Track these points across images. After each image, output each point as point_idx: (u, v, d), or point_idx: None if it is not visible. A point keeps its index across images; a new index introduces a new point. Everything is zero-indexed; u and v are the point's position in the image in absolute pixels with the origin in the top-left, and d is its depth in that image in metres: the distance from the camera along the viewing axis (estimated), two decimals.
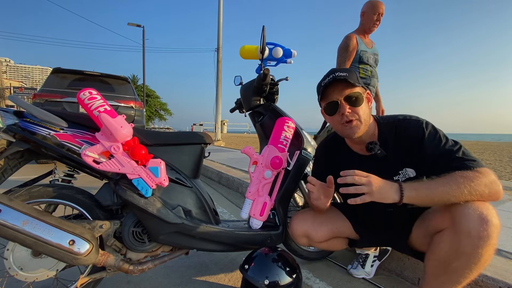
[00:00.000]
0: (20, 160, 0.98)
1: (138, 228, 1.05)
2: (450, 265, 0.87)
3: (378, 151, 1.02)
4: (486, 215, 0.81)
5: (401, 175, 1.04)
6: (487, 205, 0.85)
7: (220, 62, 10.95)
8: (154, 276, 1.33)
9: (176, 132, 1.21)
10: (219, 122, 11.39)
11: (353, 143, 1.12)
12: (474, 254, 0.81)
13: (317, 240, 1.22)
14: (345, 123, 1.01)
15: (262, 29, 1.28)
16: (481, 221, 0.81)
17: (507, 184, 3.35)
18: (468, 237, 0.82)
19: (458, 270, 0.85)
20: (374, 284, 1.32)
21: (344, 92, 0.99)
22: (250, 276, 1.04)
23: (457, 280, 0.87)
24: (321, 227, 1.21)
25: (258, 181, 1.24)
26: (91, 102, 0.95)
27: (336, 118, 1.03)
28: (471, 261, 0.83)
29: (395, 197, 0.88)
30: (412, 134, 0.99)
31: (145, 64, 14.88)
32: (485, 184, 0.83)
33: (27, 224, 0.84)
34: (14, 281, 1.06)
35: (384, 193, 0.88)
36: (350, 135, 1.02)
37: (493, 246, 0.81)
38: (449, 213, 0.88)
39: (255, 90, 1.38)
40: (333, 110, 1.02)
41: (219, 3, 10.36)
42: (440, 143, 0.94)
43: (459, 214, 0.84)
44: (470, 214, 0.82)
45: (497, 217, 0.83)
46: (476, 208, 0.82)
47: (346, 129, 1.02)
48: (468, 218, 0.82)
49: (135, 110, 4.52)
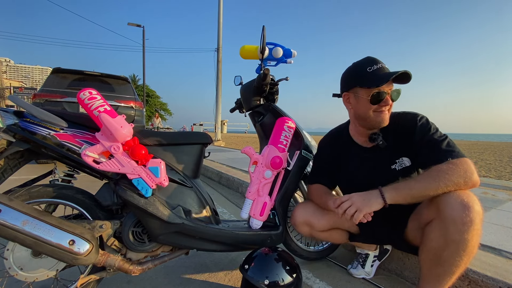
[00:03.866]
0: (20, 160, 0.98)
1: (138, 228, 1.05)
2: (441, 254, 0.92)
3: (380, 141, 1.10)
4: (468, 202, 0.87)
5: (398, 164, 1.11)
6: (468, 193, 0.90)
7: (220, 62, 10.95)
8: (154, 276, 1.33)
9: (176, 132, 1.21)
10: (219, 122, 11.39)
11: (358, 135, 1.20)
12: (461, 240, 0.87)
13: (318, 229, 1.25)
14: (380, 112, 1.07)
15: (262, 29, 1.28)
16: (463, 207, 0.86)
17: (507, 184, 3.35)
18: (453, 224, 0.87)
19: (450, 258, 0.90)
20: (374, 284, 1.32)
21: (392, 86, 1.05)
22: (250, 276, 1.04)
23: (450, 270, 0.91)
24: (323, 216, 1.24)
25: (258, 181, 1.24)
26: (91, 102, 0.95)
27: (373, 107, 1.07)
28: (460, 248, 0.88)
29: (379, 201, 0.97)
30: (407, 124, 1.08)
31: (145, 64, 14.88)
32: (459, 175, 0.90)
33: (27, 224, 0.84)
34: (14, 281, 1.06)
35: (369, 203, 0.97)
36: (381, 123, 1.08)
37: (477, 231, 0.87)
38: (435, 204, 0.94)
39: (255, 90, 1.38)
40: (379, 100, 1.05)
41: (219, 3, 10.36)
42: (428, 133, 1.03)
43: (443, 204, 0.91)
44: (452, 202, 0.88)
45: (478, 203, 0.88)
46: (458, 196, 0.89)
47: (379, 118, 1.07)
48: (451, 206, 0.88)
49: (135, 110, 4.51)
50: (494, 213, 1.94)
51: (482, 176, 5.45)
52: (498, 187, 3.03)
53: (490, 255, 1.27)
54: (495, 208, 2.07)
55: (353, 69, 1.10)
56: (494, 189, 2.87)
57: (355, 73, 1.08)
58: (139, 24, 14.69)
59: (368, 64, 1.05)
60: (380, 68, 1.02)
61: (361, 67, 1.06)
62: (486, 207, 2.10)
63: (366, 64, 1.05)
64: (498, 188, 2.92)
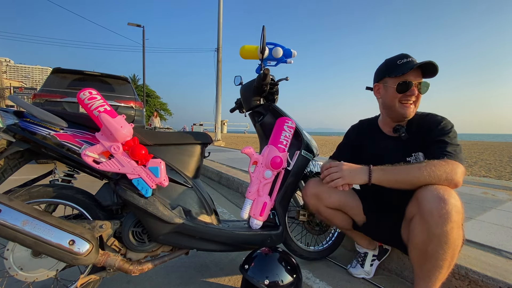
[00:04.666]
0: (20, 160, 0.98)
1: (138, 228, 1.05)
2: (426, 249, 0.94)
3: (402, 133, 1.15)
4: (443, 195, 0.90)
5: (413, 157, 1.14)
6: (444, 187, 0.93)
7: (220, 62, 10.95)
8: (154, 276, 1.33)
9: (176, 132, 1.21)
10: (219, 122, 11.39)
11: (385, 125, 1.26)
12: (441, 233, 0.89)
13: (326, 204, 1.26)
14: (406, 103, 1.11)
15: (262, 29, 1.28)
16: (439, 200, 0.89)
17: (507, 184, 3.35)
18: (431, 217, 0.90)
19: (434, 253, 0.93)
20: (374, 284, 1.32)
21: (420, 78, 1.09)
22: (250, 276, 1.04)
23: (437, 264, 0.93)
24: (334, 193, 1.26)
25: (258, 181, 1.24)
26: (91, 102, 0.95)
27: (399, 96, 1.11)
28: (442, 241, 0.90)
29: (364, 177, 1.02)
30: (431, 123, 1.12)
31: (145, 64, 14.88)
32: (445, 171, 0.93)
33: (27, 224, 0.84)
34: (14, 281, 1.06)
35: (354, 175, 1.03)
36: (404, 115, 1.13)
37: (456, 223, 0.89)
38: (415, 200, 0.97)
39: (255, 90, 1.38)
40: (405, 89, 1.09)
41: (219, 3, 10.36)
42: (444, 135, 1.05)
43: (421, 198, 0.94)
44: (429, 195, 0.92)
45: (456, 197, 0.91)
46: (434, 190, 0.92)
47: (404, 108, 1.12)
48: (428, 199, 0.91)
49: (135, 110, 4.51)
50: (494, 213, 1.94)
51: (482, 176, 5.45)
52: (498, 187, 3.03)
53: (490, 255, 1.27)
54: (495, 208, 2.07)
55: (385, 63, 1.17)
56: (494, 189, 2.87)
57: (386, 65, 1.16)
58: (139, 24, 14.69)
59: (399, 58, 1.12)
60: (409, 61, 1.08)
61: (393, 61, 1.13)
62: (486, 207, 2.10)
63: (397, 58, 1.12)
64: (498, 188, 2.92)
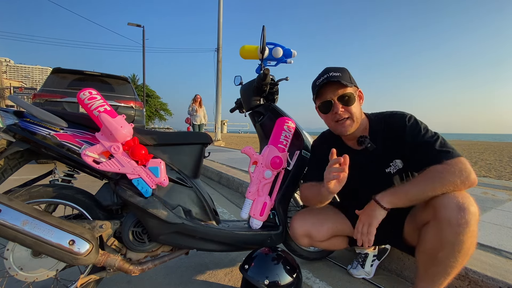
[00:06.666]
0: (20, 160, 0.98)
1: (138, 228, 1.05)
2: (437, 255, 0.91)
3: (368, 144, 1.08)
4: (463, 203, 0.86)
5: (392, 166, 1.10)
6: (464, 193, 0.90)
7: (220, 62, 10.94)
8: (154, 276, 1.33)
9: (176, 132, 1.21)
10: (219, 122, 11.38)
11: (346, 138, 1.18)
12: (456, 242, 0.86)
13: (319, 239, 1.23)
14: (338, 121, 1.07)
15: (262, 29, 1.28)
16: (459, 209, 0.86)
17: (507, 184, 3.35)
18: (449, 225, 0.87)
19: (445, 260, 0.90)
20: (374, 284, 1.32)
21: (338, 92, 1.05)
22: (250, 276, 1.03)
23: (445, 271, 0.91)
24: (322, 226, 1.22)
25: (258, 181, 1.24)
26: (91, 102, 0.95)
27: (329, 116, 1.09)
28: (455, 249, 0.87)
29: (381, 212, 0.97)
30: (396, 126, 1.06)
31: (145, 64, 14.88)
32: (455, 175, 0.89)
33: (27, 224, 0.84)
34: (14, 281, 1.06)
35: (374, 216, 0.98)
36: (343, 132, 1.09)
37: (473, 233, 0.86)
38: (431, 206, 0.93)
39: (255, 90, 1.38)
40: (327, 109, 1.08)
41: (219, 3, 10.36)
42: (420, 134, 1.01)
43: (439, 205, 0.90)
44: (448, 203, 0.88)
45: (474, 205, 0.87)
46: (453, 198, 0.88)
47: (339, 127, 1.09)
48: (447, 207, 0.87)
49: (135, 110, 4.51)
50: (494, 213, 1.94)
51: (482, 176, 5.45)
52: (498, 187, 3.03)
53: (490, 255, 1.27)
54: (495, 208, 2.07)
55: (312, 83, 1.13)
56: (494, 189, 2.87)
57: (312, 86, 1.13)
58: (139, 24, 14.68)
59: (318, 77, 1.08)
60: (325, 78, 1.04)
61: (314, 81, 1.10)
62: (486, 207, 2.10)
63: (318, 77, 1.09)
64: (498, 188, 2.92)
